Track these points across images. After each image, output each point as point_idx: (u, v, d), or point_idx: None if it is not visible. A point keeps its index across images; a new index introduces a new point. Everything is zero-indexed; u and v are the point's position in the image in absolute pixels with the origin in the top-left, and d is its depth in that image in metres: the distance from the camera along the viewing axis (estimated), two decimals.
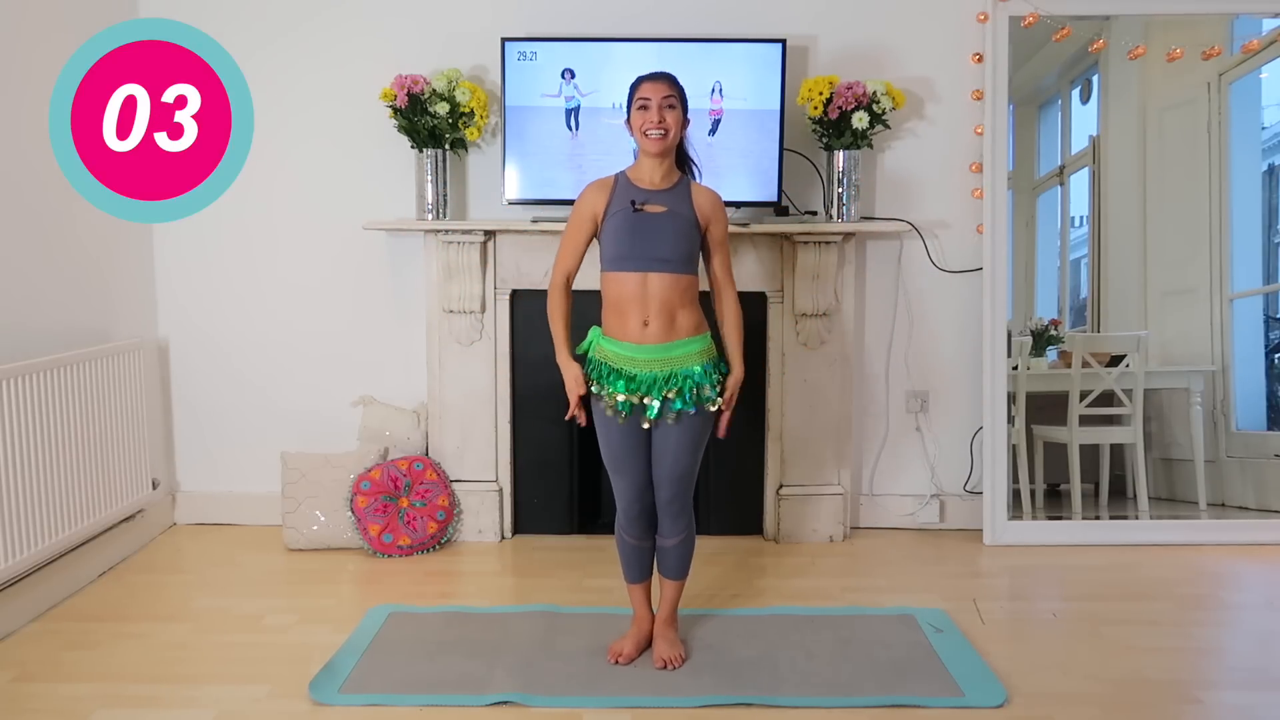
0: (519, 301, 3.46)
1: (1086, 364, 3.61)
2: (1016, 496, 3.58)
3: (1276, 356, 3.71)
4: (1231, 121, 3.56)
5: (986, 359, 3.47)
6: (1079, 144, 3.73)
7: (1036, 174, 3.81)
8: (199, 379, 3.63)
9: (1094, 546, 3.43)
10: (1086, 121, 3.70)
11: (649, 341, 2.39)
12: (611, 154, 3.20)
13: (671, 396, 2.38)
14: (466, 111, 3.29)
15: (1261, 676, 2.45)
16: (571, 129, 3.32)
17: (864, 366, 3.62)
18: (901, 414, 3.65)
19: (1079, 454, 3.62)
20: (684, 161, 2.52)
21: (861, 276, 3.57)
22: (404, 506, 3.38)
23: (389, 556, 3.33)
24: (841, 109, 3.27)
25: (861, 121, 3.26)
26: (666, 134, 2.38)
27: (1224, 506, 3.61)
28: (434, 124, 3.27)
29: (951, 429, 3.63)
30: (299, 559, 3.33)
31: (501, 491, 3.52)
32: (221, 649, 2.60)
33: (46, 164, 2.91)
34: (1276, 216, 3.67)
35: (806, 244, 3.36)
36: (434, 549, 3.40)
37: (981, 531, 3.49)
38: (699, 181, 2.53)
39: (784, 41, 3.30)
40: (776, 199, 3.36)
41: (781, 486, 3.52)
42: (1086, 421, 3.62)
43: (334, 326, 3.60)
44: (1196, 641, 2.66)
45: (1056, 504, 3.68)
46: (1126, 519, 3.61)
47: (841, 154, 3.35)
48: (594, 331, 2.49)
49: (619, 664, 2.47)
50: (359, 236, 3.50)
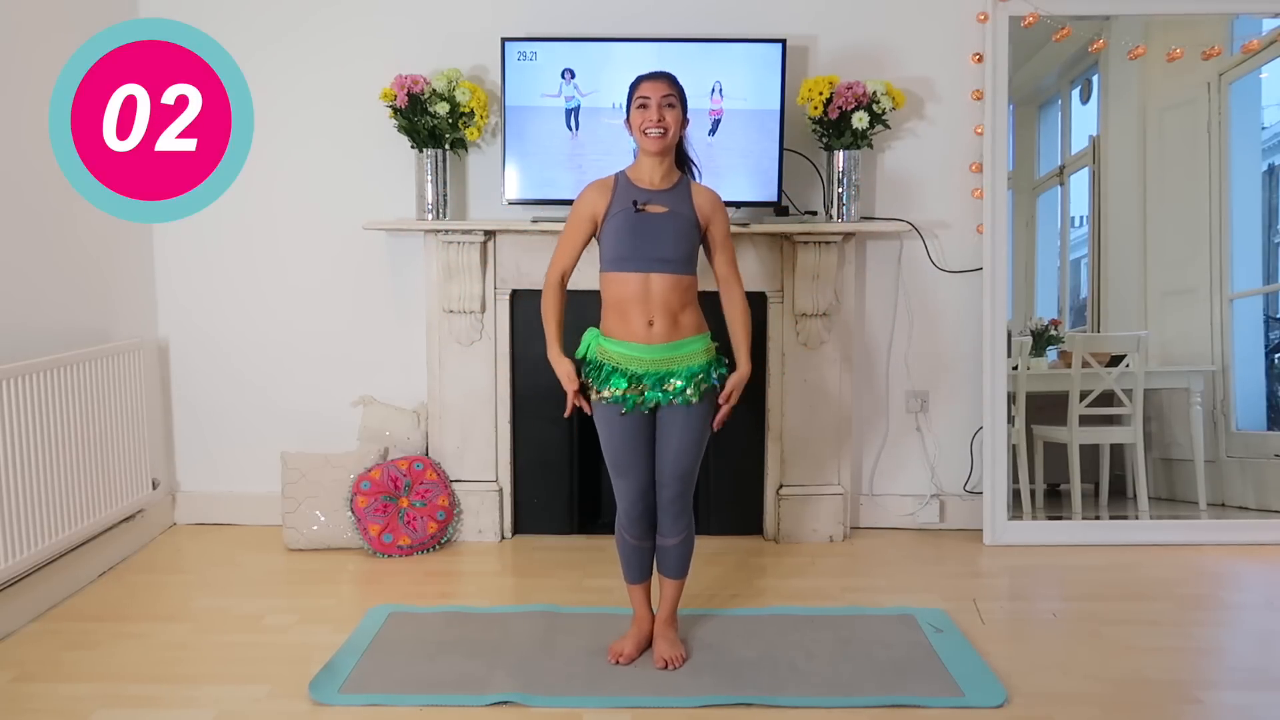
0: (519, 301, 3.46)
1: (1086, 364, 3.61)
2: (1016, 496, 3.58)
3: (1276, 356, 3.71)
4: (1231, 121, 3.56)
5: (986, 359, 3.47)
6: (1079, 144, 3.73)
7: (1036, 174, 3.80)
8: (199, 379, 3.63)
9: (1094, 546, 3.43)
10: (1086, 121, 3.70)
11: (655, 341, 2.39)
12: (611, 154, 3.20)
13: (674, 386, 2.39)
14: (466, 111, 3.29)
15: (1261, 676, 2.45)
16: (571, 129, 3.32)
17: (864, 366, 3.62)
18: (901, 414, 3.65)
19: (1079, 454, 3.62)
20: (683, 161, 2.52)
21: (861, 276, 3.57)
22: (404, 506, 3.38)
23: (389, 556, 3.33)
24: (841, 109, 3.27)
25: (861, 121, 3.26)
26: (666, 133, 2.38)
27: (1224, 506, 3.61)
28: (434, 124, 3.27)
29: (951, 429, 3.63)
30: (299, 559, 3.33)
31: (501, 491, 3.52)
32: (221, 649, 2.60)
33: (46, 164, 2.92)
34: (1276, 216, 3.67)
35: (806, 244, 3.36)
36: (434, 549, 3.40)
37: (981, 531, 3.49)
38: (698, 181, 2.53)
39: (784, 41, 3.30)
40: (776, 199, 3.36)
41: (781, 486, 3.52)
42: (1086, 421, 3.62)
43: (334, 326, 3.60)
44: (1196, 641, 2.66)
45: (1056, 504, 3.68)
46: (1126, 519, 3.61)
47: (841, 154, 3.35)
48: (591, 333, 2.48)
49: (619, 664, 2.47)
50: (359, 236, 3.50)
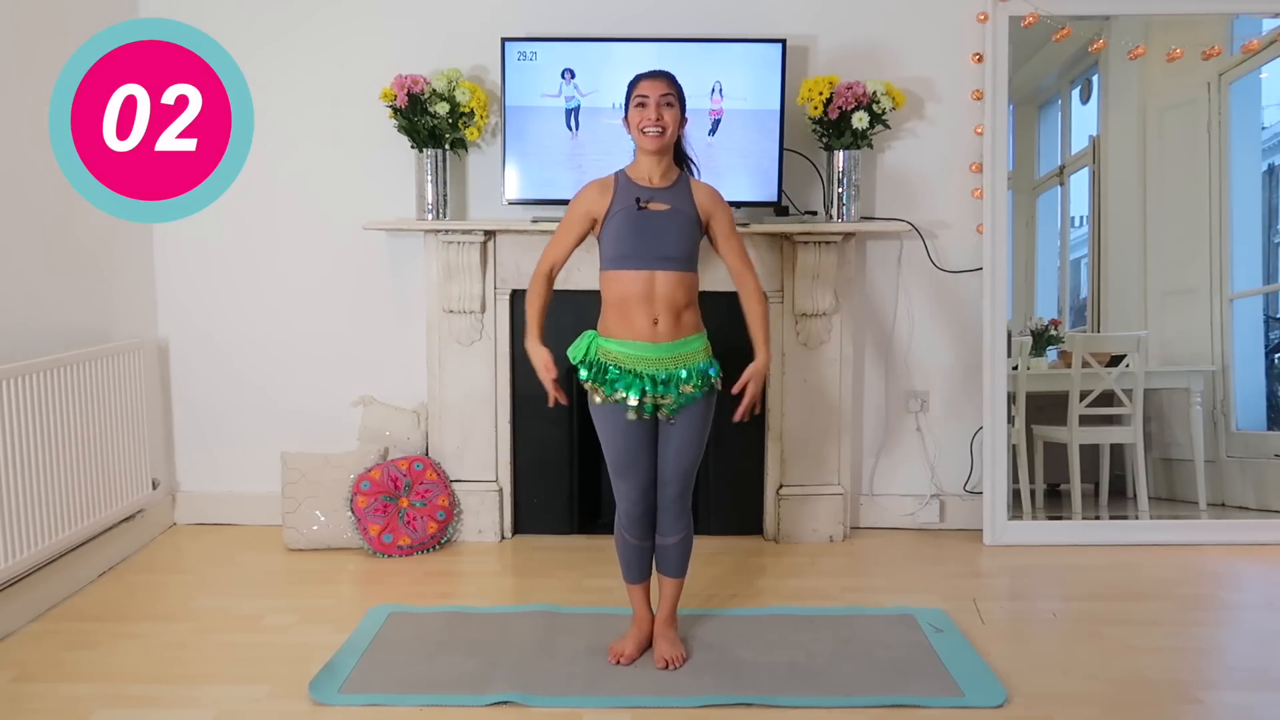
0: (519, 301, 3.46)
1: (1086, 364, 3.61)
2: (1016, 496, 3.58)
3: (1276, 356, 3.71)
4: (1231, 121, 3.56)
5: (986, 359, 3.47)
6: (1079, 144, 3.73)
7: (1036, 174, 3.80)
8: (199, 379, 3.63)
9: (1094, 546, 3.43)
10: (1086, 121, 3.70)
11: (661, 340, 2.39)
12: (611, 154, 3.20)
13: (685, 389, 2.39)
14: (466, 111, 3.29)
15: (1261, 676, 2.45)
16: (571, 129, 3.32)
17: (864, 366, 3.62)
18: (901, 414, 3.65)
19: (1079, 454, 3.62)
20: (681, 160, 2.52)
21: (861, 276, 3.57)
22: (404, 506, 3.38)
23: (389, 556, 3.33)
24: (841, 109, 3.27)
25: (861, 121, 3.26)
26: (664, 132, 2.37)
27: (1224, 506, 3.61)
28: (434, 124, 3.27)
29: (951, 429, 3.63)
30: (299, 559, 3.33)
31: (501, 491, 3.52)
32: (221, 649, 2.60)
33: (46, 164, 2.92)
34: (1276, 216, 3.67)
35: (806, 244, 3.36)
36: (434, 549, 3.40)
37: (981, 531, 3.49)
38: (697, 178, 2.53)
39: (784, 41, 3.30)
40: (776, 199, 3.36)
41: (781, 486, 3.52)
42: (1086, 421, 3.62)
43: (334, 326, 3.60)
44: (1196, 641, 2.66)
45: (1056, 504, 3.67)
46: (1126, 519, 3.61)
47: (841, 154, 3.35)
48: (588, 335, 2.47)
49: (620, 664, 2.47)
50: (359, 236, 3.50)
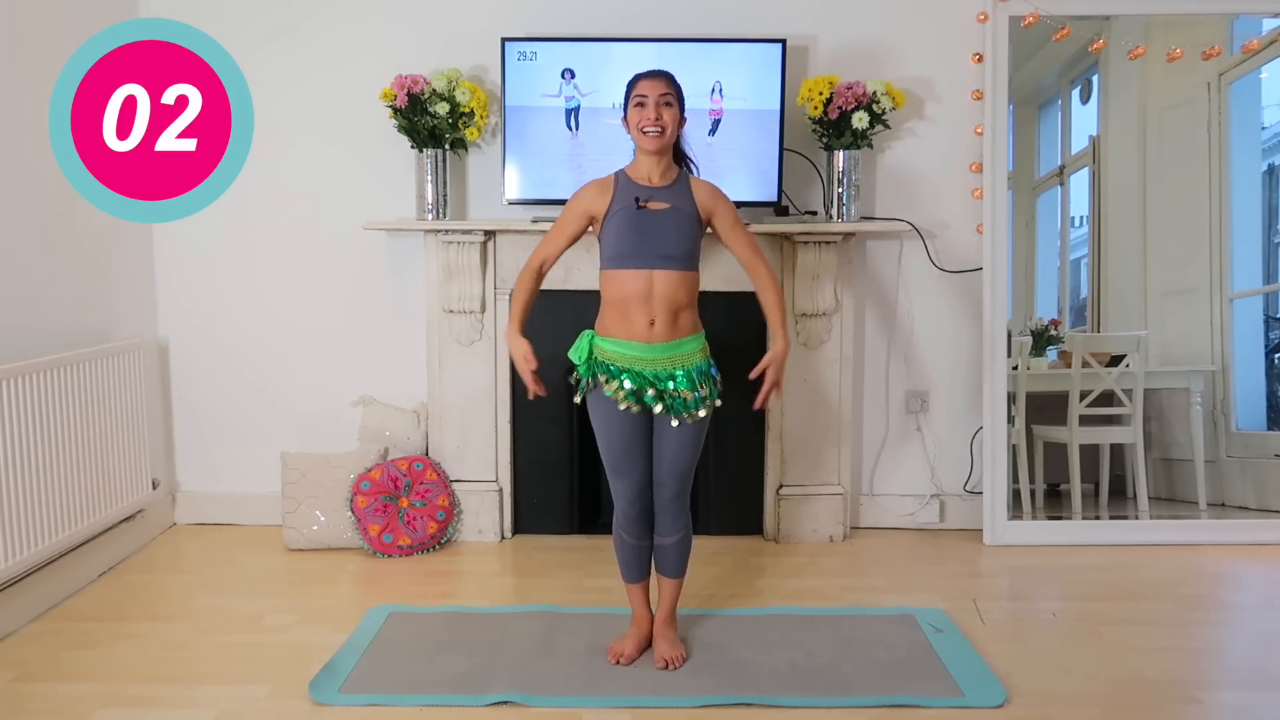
0: None
1: (1086, 364, 3.61)
2: (1016, 496, 3.58)
3: (1276, 356, 3.71)
4: (1231, 121, 3.56)
5: (986, 359, 3.47)
6: (1079, 144, 3.73)
7: (1036, 174, 3.80)
8: (199, 379, 3.63)
9: (1094, 546, 3.43)
10: (1086, 121, 3.70)
11: (657, 340, 2.38)
12: (611, 154, 3.20)
13: (687, 395, 2.38)
14: (466, 111, 3.29)
15: (1261, 676, 2.45)
16: (571, 129, 3.32)
17: (864, 366, 3.62)
18: (901, 414, 3.65)
19: (1079, 454, 3.62)
20: (680, 159, 2.52)
21: (861, 276, 3.57)
22: (404, 506, 3.38)
23: (389, 556, 3.33)
24: (841, 109, 3.27)
25: (861, 121, 3.26)
26: (663, 132, 2.37)
27: (1224, 506, 3.61)
28: (434, 124, 3.27)
29: (951, 429, 3.63)
30: (299, 559, 3.33)
31: (501, 491, 3.52)
32: (221, 649, 2.60)
33: (46, 164, 2.92)
34: (1276, 216, 3.67)
35: (806, 244, 3.36)
36: (434, 549, 3.40)
37: (981, 531, 3.49)
38: (696, 177, 2.53)
39: (784, 41, 3.30)
40: (776, 199, 3.36)
41: (781, 486, 3.52)
42: (1086, 421, 3.62)
43: (334, 326, 3.60)
44: (1196, 641, 2.66)
45: (1056, 504, 3.67)
46: (1126, 519, 3.61)
47: (841, 154, 3.35)
48: (586, 335, 2.47)
49: (619, 664, 2.47)
50: (359, 236, 3.50)
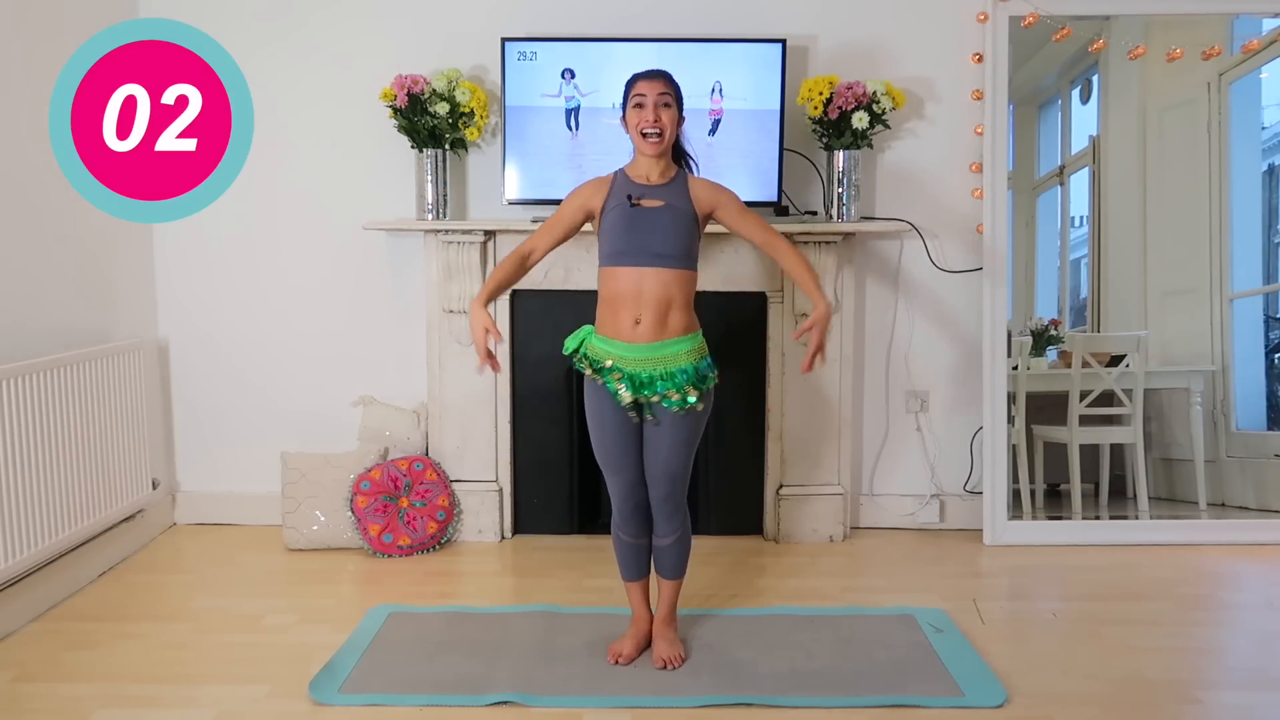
0: (519, 302, 3.46)
1: (1086, 364, 3.61)
2: (1016, 496, 3.58)
3: (1276, 356, 3.71)
4: (1231, 121, 3.56)
5: (986, 359, 3.47)
6: (1079, 144, 3.73)
7: (1036, 174, 3.80)
8: (199, 379, 3.63)
9: (1094, 546, 3.43)
10: (1086, 121, 3.70)
11: (639, 340, 2.37)
12: (611, 154, 3.19)
13: (656, 399, 2.37)
14: (466, 111, 3.29)
15: (1261, 676, 2.45)
16: (571, 129, 3.32)
17: (864, 366, 3.62)
18: (901, 414, 3.65)
19: (1079, 454, 3.62)
20: (680, 157, 2.52)
21: (861, 276, 3.57)
22: (404, 506, 3.38)
23: (389, 556, 3.33)
24: (841, 109, 3.27)
25: (861, 121, 3.26)
26: (662, 135, 2.37)
27: (1224, 506, 3.61)
28: (434, 124, 3.27)
29: (951, 429, 3.63)
30: (299, 559, 3.33)
31: (501, 491, 3.52)
32: (221, 649, 2.60)
33: (46, 164, 2.92)
34: (1276, 216, 3.67)
35: (806, 244, 3.36)
36: (434, 549, 3.40)
37: (981, 531, 3.49)
38: (695, 176, 2.52)
39: (784, 41, 3.30)
40: (776, 199, 3.36)
41: (781, 486, 3.52)
42: (1086, 421, 3.62)
43: (334, 326, 3.60)
44: (1196, 641, 2.66)
45: (1056, 504, 3.67)
46: (1126, 519, 3.61)
47: (841, 154, 3.35)
48: (585, 330, 2.48)
49: (619, 664, 2.47)
50: (359, 236, 3.50)
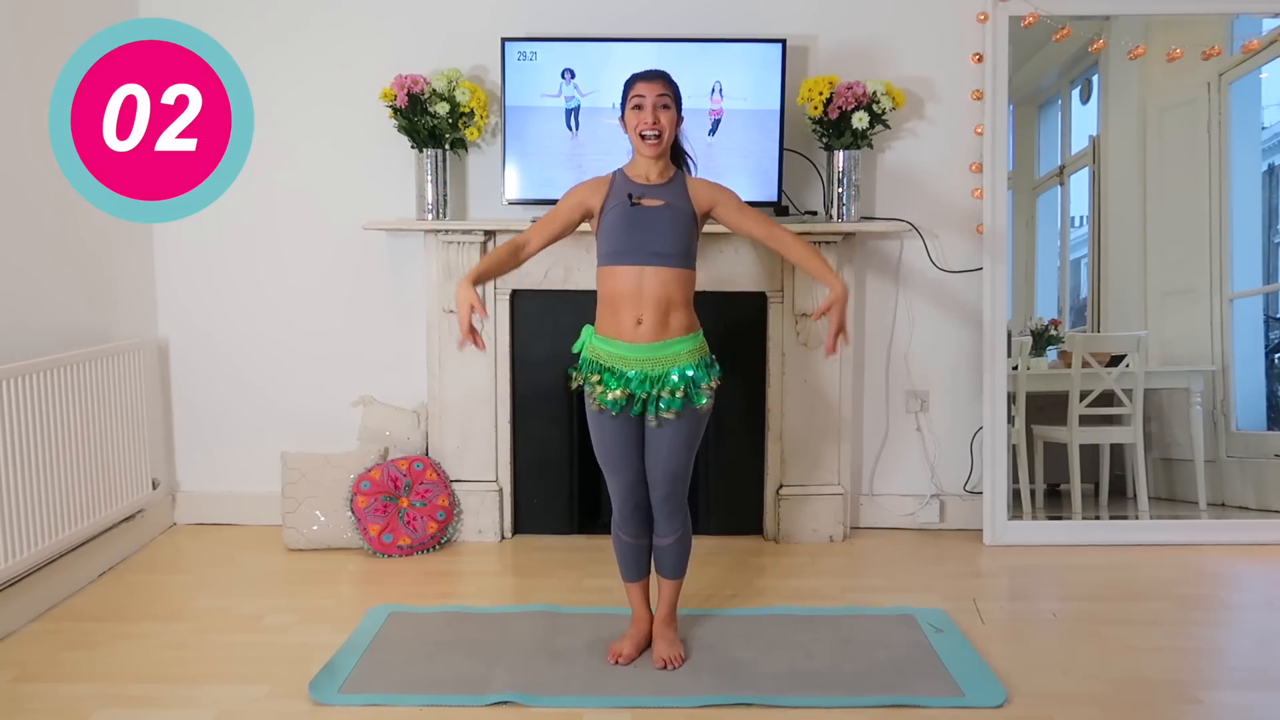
0: (519, 301, 3.46)
1: (1086, 364, 3.61)
2: (1016, 496, 3.58)
3: (1276, 356, 3.71)
4: (1231, 121, 3.56)
5: (986, 359, 3.47)
6: (1079, 144, 3.73)
7: (1036, 174, 3.80)
8: (199, 379, 3.63)
9: (1094, 546, 3.43)
10: (1086, 121, 3.70)
11: (641, 340, 2.37)
12: (611, 154, 3.19)
13: (665, 395, 2.37)
14: (466, 111, 3.29)
15: (1261, 676, 2.45)
16: (571, 129, 3.32)
17: (864, 366, 3.62)
18: (901, 414, 3.65)
19: (1079, 454, 3.62)
20: (679, 155, 2.52)
21: (861, 276, 3.57)
22: (404, 506, 3.38)
23: (389, 556, 3.33)
24: (841, 109, 3.27)
25: (861, 121, 3.26)
26: (661, 136, 2.38)
27: (1224, 506, 3.61)
28: (434, 124, 3.27)
29: (951, 429, 3.63)
30: (299, 559, 3.33)
31: (501, 491, 3.52)
32: (221, 649, 2.60)
33: (47, 164, 2.92)
34: (1276, 216, 3.67)
35: None
36: (434, 549, 3.40)
37: (981, 531, 3.49)
38: (693, 175, 2.53)
39: (784, 41, 3.30)
40: (776, 199, 3.36)
41: (781, 486, 3.52)
42: (1086, 421, 3.62)
43: (334, 326, 3.60)
44: (1196, 641, 2.66)
45: (1056, 504, 3.67)
46: (1126, 519, 3.61)
47: (841, 154, 3.35)
48: (586, 330, 2.48)
49: (619, 664, 2.47)
50: (359, 236, 3.50)
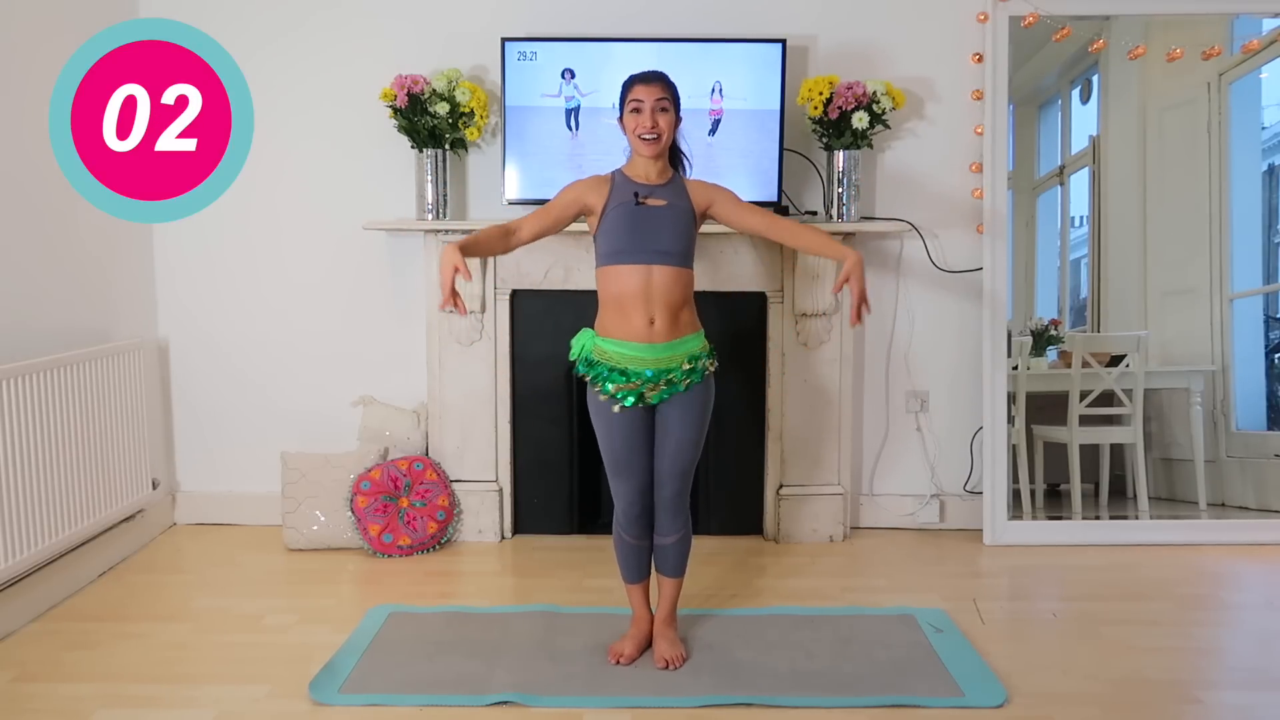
0: (519, 301, 3.46)
1: (1086, 364, 3.61)
2: (1016, 496, 3.58)
3: (1276, 356, 3.71)
4: (1231, 121, 3.56)
5: (986, 359, 3.47)
6: (1079, 144, 3.73)
7: (1036, 174, 3.80)
8: (199, 379, 3.63)
9: (1094, 546, 3.43)
10: (1086, 121, 3.70)
11: (657, 340, 2.38)
12: (611, 154, 3.18)
13: (677, 378, 2.39)
14: (466, 111, 3.29)
15: (1261, 676, 2.45)
16: (571, 129, 3.32)
17: (864, 366, 3.62)
18: (901, 414, 3.65)
19: (1079, 454, 3.62)
20: (676, 156, 2.53)
21: None
22: (404, 506, 3.38)
23: (389, 556, 3.33)
24: (841, 109, 3.27)
25: (861, 121, 3.26)
26: (659, 139, 2.38)
27: (1224, 506, 3.61)
28: (434, 124, 3.27)
29: (951, 429, 3.63)
30: (299, 559, 3.33)
31: (501, 491, 3.52)
32: (221, 649, 2.60)
33: (46, 164, 2.92)
34: (1276, 216, 3.67)
35: None
36: (434, 549, 3.40)
37: (981, 531, 3.49)
38: (689, 176, 2.54)
39: (784, 41, 3.30)
40: (776, 199, 3.36)
41: (781, 486, 3.52)
42: (1086, 421, 3.62)
43: (334, 326, 3.60)
44: (1196, 641, 2.66)
45: (1056, 504, 3.67)
46: (1126, 519, 3.61)
47: (841, 154, 3.35)
48: (585, 334, 2.47)
49: (619, 664, 2.47)
50: (359, 236, 3.50)
